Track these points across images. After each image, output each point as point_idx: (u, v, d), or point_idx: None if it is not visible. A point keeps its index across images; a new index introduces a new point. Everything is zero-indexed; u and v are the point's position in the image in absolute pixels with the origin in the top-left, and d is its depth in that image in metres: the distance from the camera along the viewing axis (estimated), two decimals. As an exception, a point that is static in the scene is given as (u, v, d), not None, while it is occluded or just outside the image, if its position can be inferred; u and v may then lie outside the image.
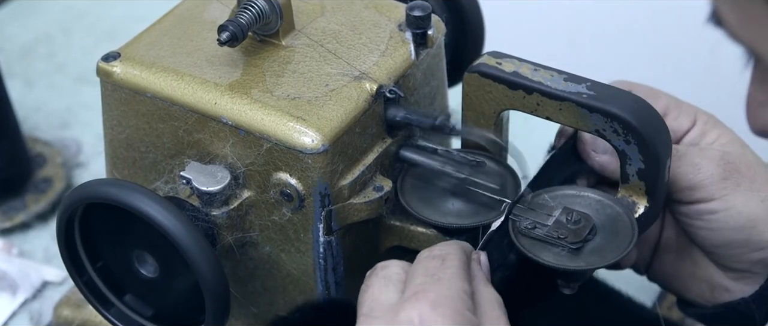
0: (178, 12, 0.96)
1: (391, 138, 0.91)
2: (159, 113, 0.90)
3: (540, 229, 0.85)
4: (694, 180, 0.89)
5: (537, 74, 0.87)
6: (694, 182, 0.89)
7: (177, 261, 0.84)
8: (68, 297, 1.08)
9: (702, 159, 0.90)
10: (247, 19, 0.88)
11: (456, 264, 0.79)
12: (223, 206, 0.88)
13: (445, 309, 0.75)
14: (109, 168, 0.97)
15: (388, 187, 0.89)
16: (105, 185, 0.85)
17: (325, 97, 0.87)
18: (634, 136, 0.84)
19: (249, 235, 0.90)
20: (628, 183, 0.87)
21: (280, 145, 0.85)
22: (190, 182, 0.87)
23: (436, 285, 0.77)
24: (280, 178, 0.87)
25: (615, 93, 0.86)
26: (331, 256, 0.90)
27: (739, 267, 0.93)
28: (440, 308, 0.75)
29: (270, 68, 0.89)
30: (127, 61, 0.90)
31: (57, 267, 1.21)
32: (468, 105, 0.91)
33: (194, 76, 0.88)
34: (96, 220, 0.88)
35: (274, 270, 0.92)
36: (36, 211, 1.26)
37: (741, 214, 0.89)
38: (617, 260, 0.84)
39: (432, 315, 0.75)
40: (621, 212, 0.87)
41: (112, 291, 0.91)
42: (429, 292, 0.76)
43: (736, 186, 0.89)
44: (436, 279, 0.78)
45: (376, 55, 0.90)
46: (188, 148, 0.90)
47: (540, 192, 0.88)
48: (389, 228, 0.92)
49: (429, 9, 0.91)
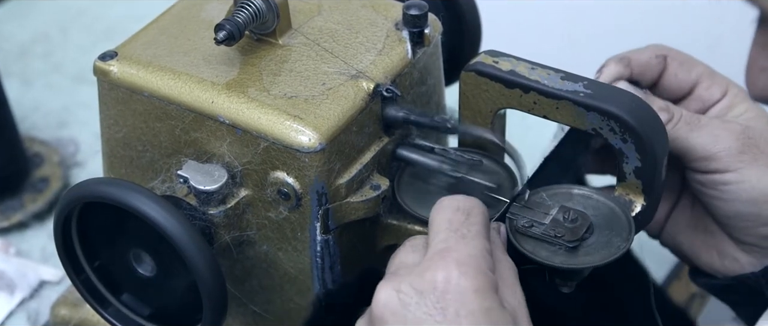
0: (175, 11, 0.95)
1: (388, 136, 0.91)
2: (156, 112, 0.90)
3: (537, 228, 0.85)
4: (711, 150, 0.90)
5: (534, 73, 0.87)
6: (712, 152, 0.91)
7: (174, 261, 0.84)
8: (65, 296, 1.08)
9: (722, 130, 0.91)
10: (244, 18, 0.88)
11: (480, 221, 0.80)
12: (220, 205, 0.88)
13: (469, 268, 0.76)
14: (106, 167, 0.97)
15: (385, 186, 0.89)
16: (102, 184, 0.85)
17: (322, 95, 0.87)
18: (631, 134, 0.84)
19: (246, 234, 0.90)
20: (624, 181, 0.87)
21: (277, 143, 0.85)
22: (187, 181, 0.87)
23: (461, 244, 0.77)
24: (277, 177, 0.87)
25: (612, 91, 0.86)
26: (328, 255, 0.90)
27: (750, 240, 0.94)
28: (464, 267, 0.76)
29: (267, 67, 0.89)
30: (124, 60, 0.90)
31: (54, 266, 1.21)
32: (465, 103, 0.91)
33: (191, 75, 0.88)
34: (93, 220, 0.88)
35: (271, 269, 0.92)
36: (33, 211, 1.26)
37: (755, 188, 0.91)
38: (615, 258, 0.84)
39: (457, 274, 0.75)
40: (618, 210, 0.87)
41: (109, 291, 0.91)
42: (454, 251, 0.77)
43: (753, 161, 0.90)
44: (461, 236, 0.78)
45: (373, 53, 0.90)
46: (185, 147, 0.90)
47: (537, 191, 0.88)
48: (386, 227, 0.92)
49: (426, 7, 0.91)
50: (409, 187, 0.91)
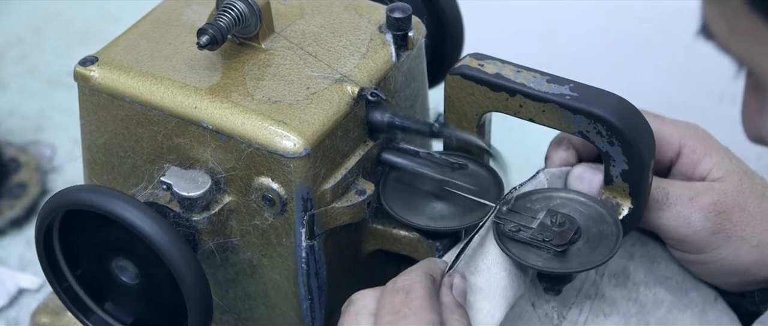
0: (155, 15, 0.94)
1: (372, 141, 0.90)
2: (138, 118, 0.89)
3: (524, 232, 0.85)
4: (683, 233, 0.88)
5: (520, 76, 0.87)
6: (683, 236, 0.88)
7: (157, 268, 0.83)
8: (46, 303, 1.07)
9: (692, 210, 0.88)
10: (226, 22, 0.87)
11: (421, 295, 0.79)
12: (204, 211, 0.87)
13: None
14: (87, 173, 0.96)
15: (370, 191, 0.88)
16: (84, 192, 0.84)
17: (306, 100, 0.86)
18: (617, 137, 0.84)
19: (230, 240, 0.90)
20: (612, 184, 0.87)
21: (261, 149, 0.84)
22: (170, 187, 0.86)
23: (403, 324, 0.77)
24: (262, 183, 0.86)
25: (598, 94, 0.85)
26: (313, 261, 0.89)
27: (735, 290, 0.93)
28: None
29: (250, 71, 0.89)
30: (104, 65, 0.89)
31: (33, 273, 1.19)
32: (450, 107, 0.90)
33: (173, 80, 0.87)
34: (75, 227, 0.87)
35: (256, 276, 0.91)
36: (10, 217, 1.24)
37: (733, 264, 0.89)
38: (603, 263, 0.83)
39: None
40: (605, 214, 0.86)
41: (92, 299, 0.90)
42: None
43: (727, 239, 0.88)
44: (403, 316, 0.78)
45: (357, 57, 0.90)
46: (168, 153, 0.89)
47: (524, 195, 0.88)
48: (372, 232, 0.92)
49: (409, 10, 0.91)
50: (395, 192, 0.91)
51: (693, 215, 0.88)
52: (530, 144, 1.22)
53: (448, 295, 0.81)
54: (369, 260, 0.94)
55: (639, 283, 0.93)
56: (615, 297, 0.92)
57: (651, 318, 0.92)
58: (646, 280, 0.93)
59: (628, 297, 0.92)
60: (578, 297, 0.91)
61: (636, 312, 0.92)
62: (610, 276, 0.92)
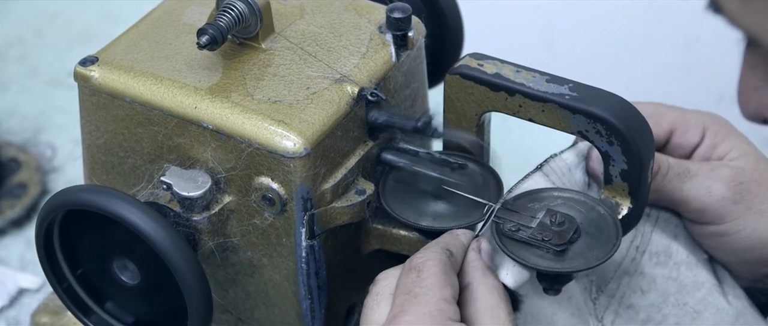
0: (155, 15, 0.95)
1: (372, 141, 0.90)
2: (138, 118, 0.89)
3: (524, 232, 0.85)
4: (705, 202, 0.90)
5: (519, 75, 0.87)
6: (705, 205, 0.90)
7: (158, 268, 0.83)
8: (46, 303, 1.07)
9: (714, 180, 0.89)
10: (226, 22, 0.87)
11: (433, 273, 0.79)
12: (204, 211, 0.87)
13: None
14: (88, 173, 0.96)
15: (370, 190, 0.89)
16: (84, 191, 0.84)
17: (306, 100, 0.86)
18: (617, 137, 0.84)
19: (230, 240, 0.90)
20: (611, 184, 0.87)
21: (261, 149, 0.85)
22: (170, 187, 0.86)
23: (414, 304, 0.77)
24: (262, 183, 0.86)
25: (598, 94, 0.85)
26: (313, 261, 0.89)
27: (749, 276, 0.94)
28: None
29: (250, 71, 0.89)
30: (105, 65, 0.90)
31: (33, 273, 1.19)
32: (450, 107, 0.91)
33: (173, 80, 0.88)
34: (76, 227, 0.87)
35: (256, 275, 0.91)
36: (11, 217, 1.24)
37: (751, 237, 0.90)
38: (602, 262, 0.83)
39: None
40: (605, 213, 0.86)
41: (92, 299, 0.90)
42: (407, 314, 0.77)
43: (747, 209, 0.89)
44: (414, 296, 0.78)
45: (357, 57, 0.90)
46: (168, 153, 0.89)
47: (523, 194, 0.88)
48: (371, 232, 0.92)
49: (409, 10, 0.91)
50: (395, 191, 0.91)
51: (715, 184, 0.89)
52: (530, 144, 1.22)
53: (476, 260, 0.82)
54: (369, 260, 0.94)
55: (680, 263, 0.93)
56: (654, 275, 0.92)
57: (690, 299, 0.93)
58: (688, 261, 0.93)
59: (668, 276, 0.93)
60: (616, 273, 0.92)
61: (675, 291, 0.92)
62: (652, 255, 0.93)
